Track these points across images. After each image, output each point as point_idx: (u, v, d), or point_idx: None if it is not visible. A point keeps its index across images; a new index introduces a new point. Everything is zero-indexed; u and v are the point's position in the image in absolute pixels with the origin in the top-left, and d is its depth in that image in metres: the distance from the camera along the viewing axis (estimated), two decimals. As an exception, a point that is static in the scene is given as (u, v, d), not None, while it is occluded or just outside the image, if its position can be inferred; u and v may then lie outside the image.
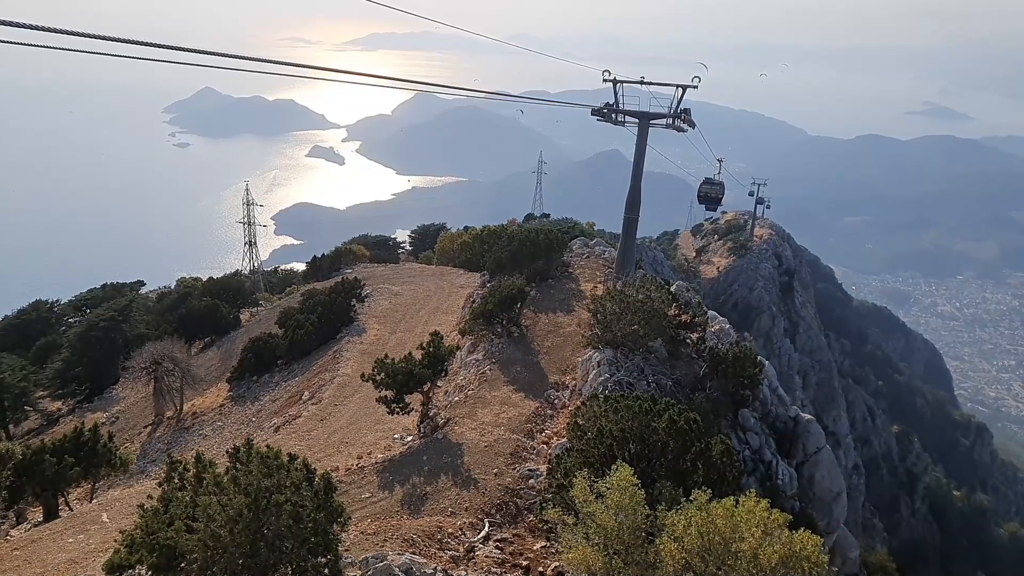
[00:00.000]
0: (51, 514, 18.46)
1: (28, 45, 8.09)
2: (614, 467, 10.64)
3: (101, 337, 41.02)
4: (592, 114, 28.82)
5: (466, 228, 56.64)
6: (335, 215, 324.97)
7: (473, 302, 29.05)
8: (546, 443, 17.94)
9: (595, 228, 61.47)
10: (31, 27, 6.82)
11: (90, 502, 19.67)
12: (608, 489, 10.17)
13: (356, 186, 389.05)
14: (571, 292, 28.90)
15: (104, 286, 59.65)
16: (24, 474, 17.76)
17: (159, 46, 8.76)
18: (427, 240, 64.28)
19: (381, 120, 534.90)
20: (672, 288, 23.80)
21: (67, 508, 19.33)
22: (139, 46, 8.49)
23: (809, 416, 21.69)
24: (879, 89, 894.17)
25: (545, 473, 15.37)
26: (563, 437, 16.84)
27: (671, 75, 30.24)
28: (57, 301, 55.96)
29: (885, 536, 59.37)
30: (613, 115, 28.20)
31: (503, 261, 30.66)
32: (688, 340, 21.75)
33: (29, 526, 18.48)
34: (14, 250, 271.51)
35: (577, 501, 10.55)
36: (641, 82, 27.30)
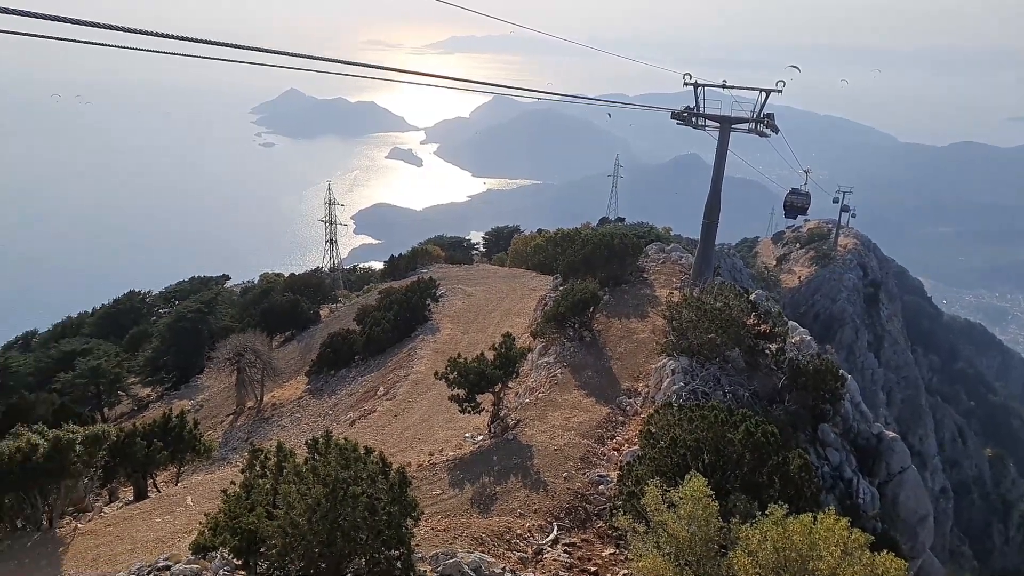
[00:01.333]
0: (140, 494, 19.41)
1: (129, 48, 8.56)
2: (687, 477, 10.48)
3: (188, 328, 42.89)
4: (672, 118, 28.45)
5: (539, 231, 56.74)
6: (412, 216, 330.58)
7: (545, 305, 29.06)
8: (617, 450, 17.79)
9: (672, 233, 60.62)
10: (133, 31, 7.20)
11: (176, 485, 20.58)
12: (681, 499, 10.02)
13: (433, 187, 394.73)
14: (646, 298, 28.57)
15: (192, 279, 62.43)
16: (117, 455, 18.70)
17: (245, 48, 9.09)
18: (501, 242, 64.71)
19: (459, 123, 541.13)
20: (751, 296, 23.24)
21: (155, 489, 20.29)
22: (226, 47, 8.84)
23: (893, 434, 20.82)
24: (977, 94, 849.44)
25: (615, 480, 15.24)
26: (634, 444, 16.67)
27: (755, 79, 29.57)
28: (149, 292, 58.91)
29: (975, 565, 56.36)
30: (694, 119, 27.77)
31: (576, 264, 30.56)
32: (767, 351, 21.19)
33: (121, 504, 19.48)
34: (114, 244, 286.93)
35: (648, 509, 10.43)
36: (723, 86, 26.80)
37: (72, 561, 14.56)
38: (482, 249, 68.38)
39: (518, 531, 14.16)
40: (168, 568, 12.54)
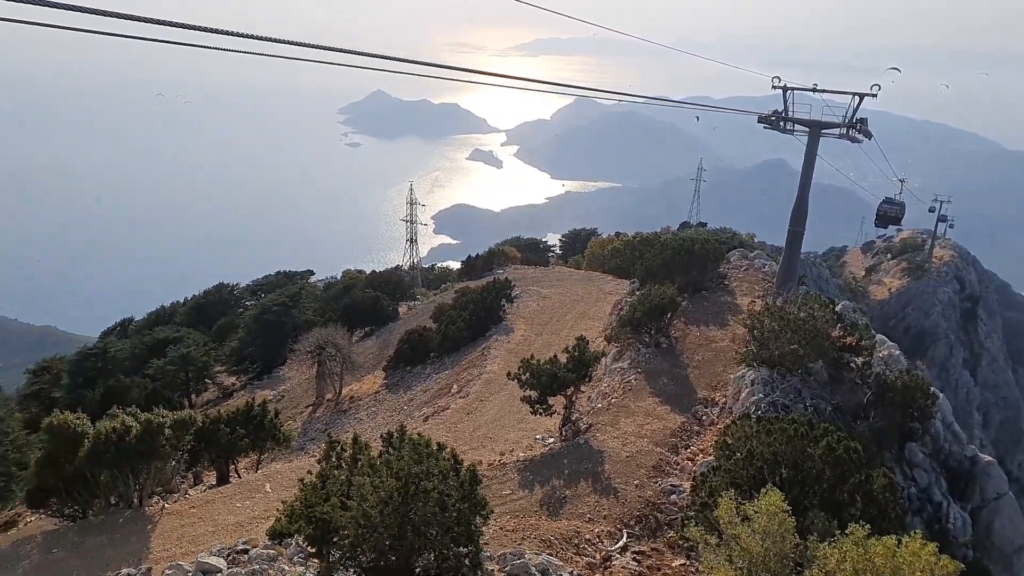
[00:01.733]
0: (223, 479, 20.21)
1: (229, 50, 8.89)
2: (763, 491, 10.18)
3: (273, 321, 44.40)
4: (759, 121, 27.69)
5: (617, 234, 56.17)
6: (490, 216, 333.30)
7: (621, 309, 28.76)
8: (691, 459, 17.44)
9: (755, 240, 59.01)
10: (231, 34, 7.48)
11: (256, 472, 21.34)
12: (756, 513, 9.73)
13: (512, 189, 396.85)
14: (726, 305, 27.91)
15: (277, 274, 64.68)
16: (203, 440, 19.54)
17: (334, 49, 9.31)
18: (577, 244, 64.43)
19: (540, 124, 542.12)
20: (837, 308, 22.35)
21: (236, 475, 21.08)
22: (316, 49, 9.07)
23: (989, 457, 19.65)
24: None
25: (689, 490, 14.95)
26: (709, 455, 16.30)
27: (846, 82, 28.45)
28: (236, 285, 61.32)
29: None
30: (782, 123, 26.96)
31: (655, 269, 30.12)
32: (852, 364, 20.34)
33: (204, 488, 20.33)
34: (206, 238, 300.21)
35: (722, 522, 10.17)
36: (814, 89, 25.90)
37: (159, 538, 15.28)
38: (558, 251, 68.22)
39: (587, 536, 14.05)
40: (246, 551, 13.01)
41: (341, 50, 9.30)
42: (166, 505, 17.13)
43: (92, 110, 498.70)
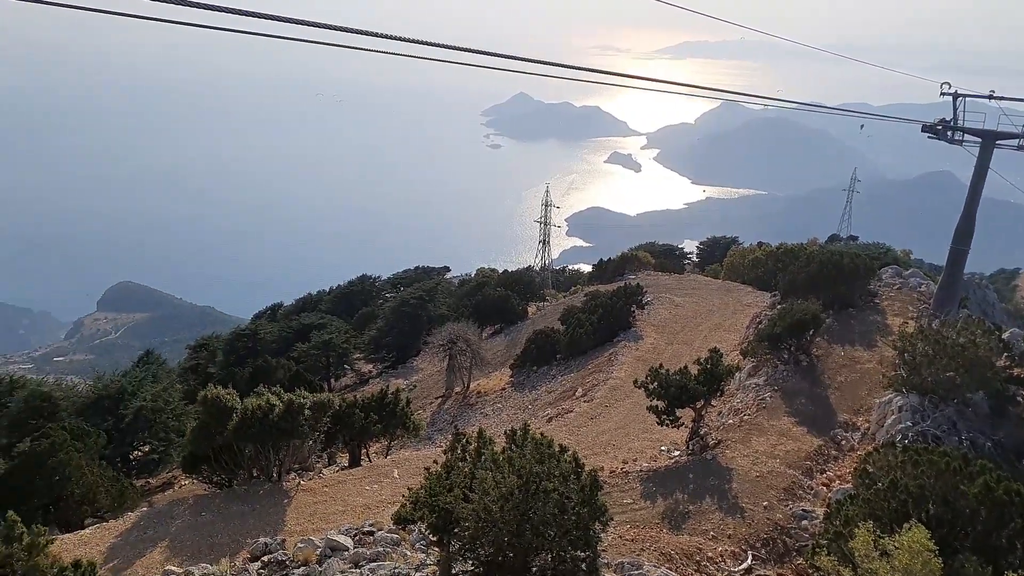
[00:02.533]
0: (354, 461, 21.17)
1: (381, 52, 9.27)
2: (906, 526, 9.44)
3: (410, 313, 46.11)
4: (923, 130, 25.76)
5: (760, 244, 54.00)
6: (625, 221, 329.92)
7: (759, 323, 27.61)
8: (826, 485, 16.48)
9: (911, 257, 54.96)
10: (384, 36, 7.78)
11: (385, 457, 22.19)
12: (897, 549, 9.03)
13: (649, 193, 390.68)
14: (875, 325, 26.15)
15: (416, 268, 67.21)
16: (338, 423, 20.56)
17: (480, 52, 9.48)
18: (716, 253, 62.48)
19: (682, 128, 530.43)
20: (1004, 335, 20.39)
21: (367, 459, 22.02)
22: (463, 52, 9.27)
23: None
24: None
25: (822, 516, 14.10)
26: (847, 482, 15.33)
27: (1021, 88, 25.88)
28: (378, 277, 64.21)
29: None
30: (949, 133, 24.92)
31: (798, 283, 28.66)
32: (1019, 397, 18.49)
33: (337, 468, 21.39)
34: (351, 232, 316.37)
35: (857, 555, 9.52)
36: (990, 97, 23.76)
37: (294, 513, 16.22)
38: (695, 259, 66.44)
39: (709, 554, 13.59)
40: (372, 533, 13.55)
41: (486, 52, 9.47)
42: (302, 482, 18.15)
43: (255, 109, 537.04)
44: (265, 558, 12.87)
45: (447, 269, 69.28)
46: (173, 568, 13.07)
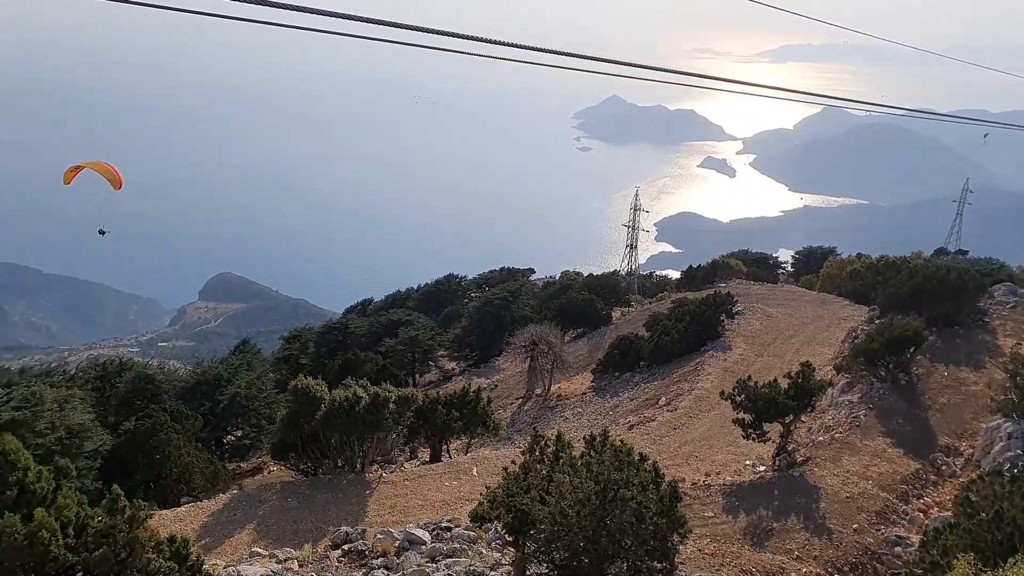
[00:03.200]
0: (435, 457, 21.48)
1: (480, 55, 9.36)
2: (1011, 561, 8.82)
3: (493, 313, 46.48)
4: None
5: (859, 255, 51.70)
6: (717, 227, 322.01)
7: (856, 338, 26.43)
8: (923, 511, 15.61)
9: (1027, 274, 51.32)
10: (483, 40, 7.85)
11: (465, 455, 22.42)
12: (1001, 586, 8.45)
13: (743, 200, 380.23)
14: (983, 345, 24.60)
15: (502, 269, 67.70)
16: (421, 418, 20.91)
17: (573, 55, 9.43)
18: (811, 263, 60.23)
19: (780, 134, 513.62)
20: None
21: (447, 455, 22.30)
22: (556, 55, 9.25)
23: None
24: None
25: (917, 545, 13.35)
26: (946, 510, 14.48)
27: None
28: (464, 277, 65.07)
29: None
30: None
31: (899, 297, 27.28)
32: None
33: (418, 463, 21.76)
34: (439, 231, 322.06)
35: (955, 588, 8.96)
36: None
37: (375, 504, 16.60)
38: (789, 268, 64.26)
39: (792, 574, 13.10)
40: (449, 529, 13.71)
41: (578, 55, 9.43)
42: (383, 474, 18.55)
43: (351, 111, 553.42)
44: (346, 547, 13.23)
45: (532, 271, 69.44)
46: (259, 550, 13.59)
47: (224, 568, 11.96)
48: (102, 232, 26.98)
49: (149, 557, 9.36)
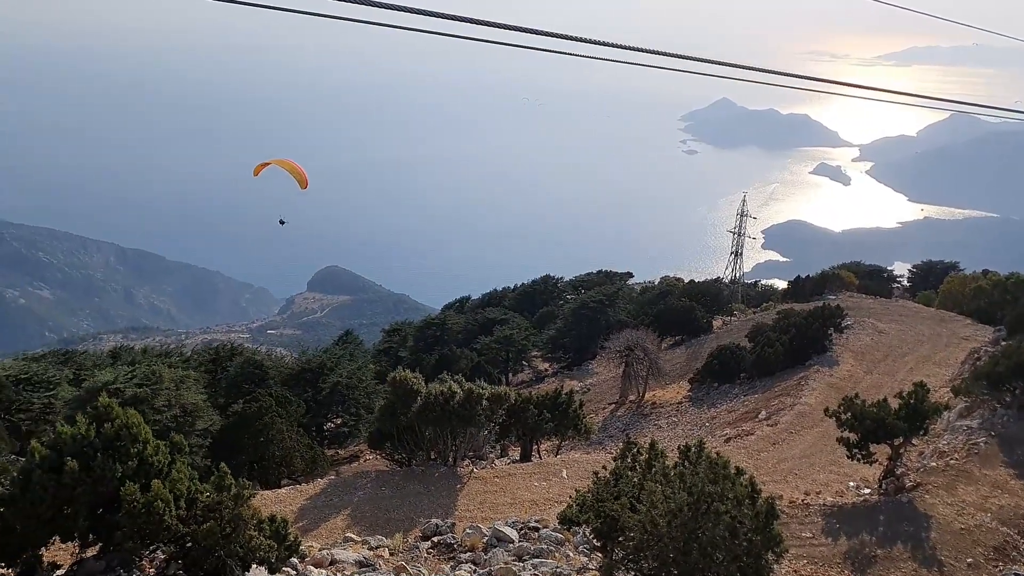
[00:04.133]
0: (525, 456, 21.58)
1: (571, 55, 9.34)
2: None
3: (588, 316, 46.20)
4: None
5: (985, 272, 48.34)
6: (828, 237, 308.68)
7: (978, 359, 24.77)
8: (1049, 551, 14.42)
9: None
10: (580, 40, 7.83)
11: (555, 456, 22.41)
12: None
13: (858, 209, 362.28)
14: (1126, 374, 22.47)
15: (599, 272, 67.14)
16: (513, 416, 21.05)
17: (681, 56, 9.23)
18: (930, 278, 56.75)
19: (901, 141, 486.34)
20: None
21: (538, 455, 22.34)
22: (665, 56, 9.08)
23: None
24: None
25: (1040, 587, 12.37)
26: (1076, 552, 13.32)
27: None
28: (561, 278, 64.98)
29: None
30: None
31: (1030, 318, 25.36)
32: None
33: (508, 461, 21.93)
34: (535, 232, 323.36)
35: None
36: None
37: (464, 499, 16.84)
38: (905, 283, 60.78)
39: (896, 607, 12.39)
40: (537, 529, 13.74)
41: (687, 57, 9.25)
42: (475, 469, 18.80)
43: (461, 112, 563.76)
44: (435, 539, 13.48)
45: (630, 275, 68.52)
46: (352, 536, 14.05)
47: (319, 551, 12.43)
48: (282, 222, 29.10)
49: (251, 534, 9.85)
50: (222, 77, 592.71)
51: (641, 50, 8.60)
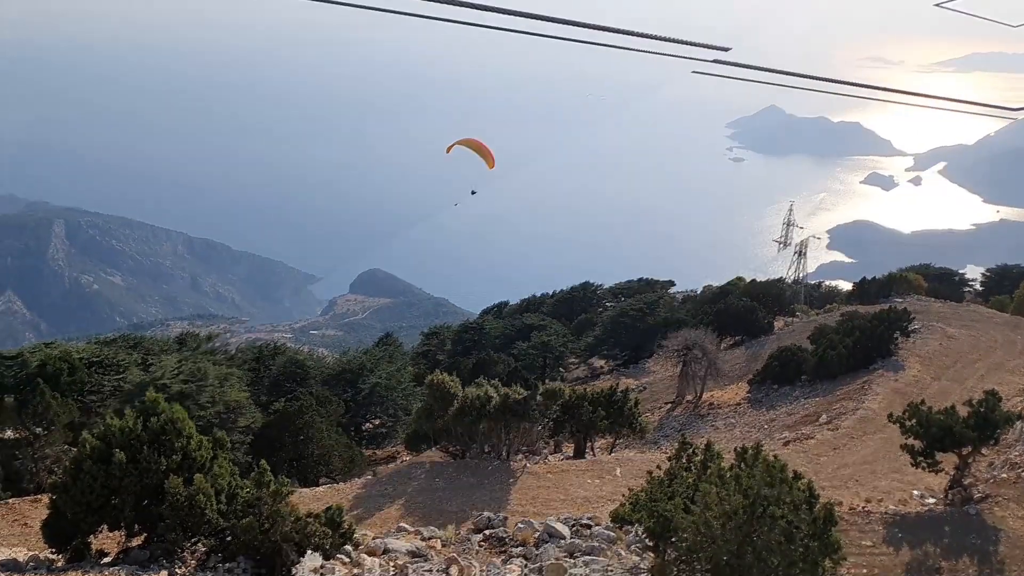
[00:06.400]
0: (579, 453, 21.58)
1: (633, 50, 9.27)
2: None
3: (628, 324, 45.72)
4: None
5: (1065, 277, 46.18)
6: (896, 238, 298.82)
7: (1055, 367, 23.65)
8: None
9: None
10: (646, 36, 7.78)
11: (609, 454, 22.33)
12: None
13: (928, 210, 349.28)
14: None
15: (639, 280, 66.41)
16: (567, 413, 21.07)
17: (728, 63, 9.06)
18: (1005, 283, 54.47)
19: (958, 150, 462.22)
20: None
21: (591, 452, 22.31)
22: (708, 63, 8.92)
23: None
24: None
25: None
26: None
27: None
28: (600, 285, 64.49)
29: None
30: None
31: (1113, 326, 24.11)
32: None
33: (561, 457, 21.95)
34: (575, 238, 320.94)
35: None
36: None
37: (517, 493, 16.95)
38: (977, 287, 58.48)
39: (961, 622, 11.98)
40: (590, 527, 13.73)
41: (735, 63, 9.08)
42: (528, 465, 18.89)
43: (510, 111, 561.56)
44: (487, 532, 13.61)
45: (671, 283, 67.38)
46: (406, 526, 14.28)
47: (373, 539, 12.68)
48: (473, 192, 30.95)
49: (307, 521, 10.14)
50: (300, 72, 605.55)
51: (693, 56, 8.49)
